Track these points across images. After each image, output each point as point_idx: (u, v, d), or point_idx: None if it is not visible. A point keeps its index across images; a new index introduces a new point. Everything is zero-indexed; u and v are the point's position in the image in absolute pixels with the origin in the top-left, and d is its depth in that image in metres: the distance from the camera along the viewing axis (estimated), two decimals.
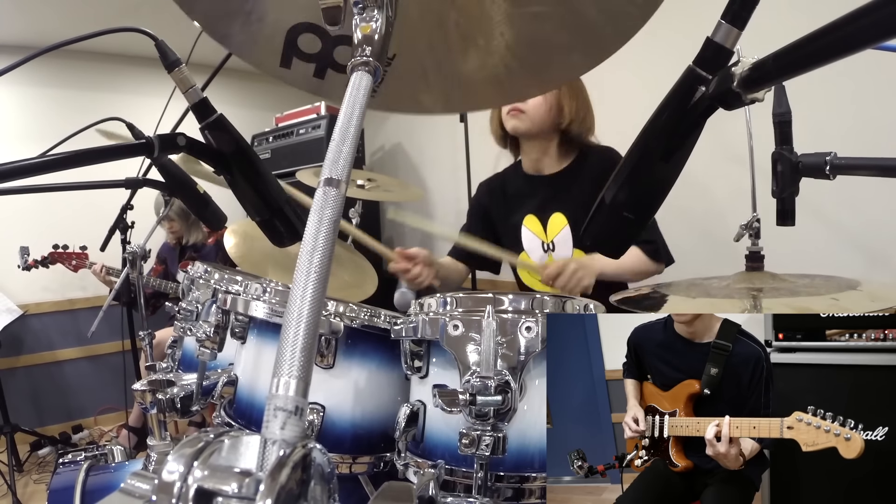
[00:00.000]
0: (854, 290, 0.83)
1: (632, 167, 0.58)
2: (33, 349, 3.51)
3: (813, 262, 1.73)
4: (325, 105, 3.48)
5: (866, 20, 0.35)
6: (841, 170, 0.71)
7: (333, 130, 0.40)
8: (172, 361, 1.30)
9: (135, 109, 3.22)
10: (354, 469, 0.94)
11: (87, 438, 3.49)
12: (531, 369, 0.75)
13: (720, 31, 0.50)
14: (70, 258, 3.16)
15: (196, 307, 1.25)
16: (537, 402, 0.75)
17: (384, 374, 0.96)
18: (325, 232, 0.35)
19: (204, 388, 1.04)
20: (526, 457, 0.74)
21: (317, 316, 0.32)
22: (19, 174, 0.58)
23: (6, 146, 3.34)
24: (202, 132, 0.73)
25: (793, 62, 0.42)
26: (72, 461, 1.31)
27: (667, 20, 1.85)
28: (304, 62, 0.71)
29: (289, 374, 0.30)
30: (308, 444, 0.28)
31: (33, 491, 2.83)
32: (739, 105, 0.49)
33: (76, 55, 3.57)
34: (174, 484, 0.29)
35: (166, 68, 0.71)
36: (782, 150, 0.82)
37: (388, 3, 0.49)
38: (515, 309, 0.80)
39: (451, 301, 0.84)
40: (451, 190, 3.35)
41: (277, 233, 0.78)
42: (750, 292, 0.89)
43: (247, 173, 0.74)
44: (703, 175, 2.01)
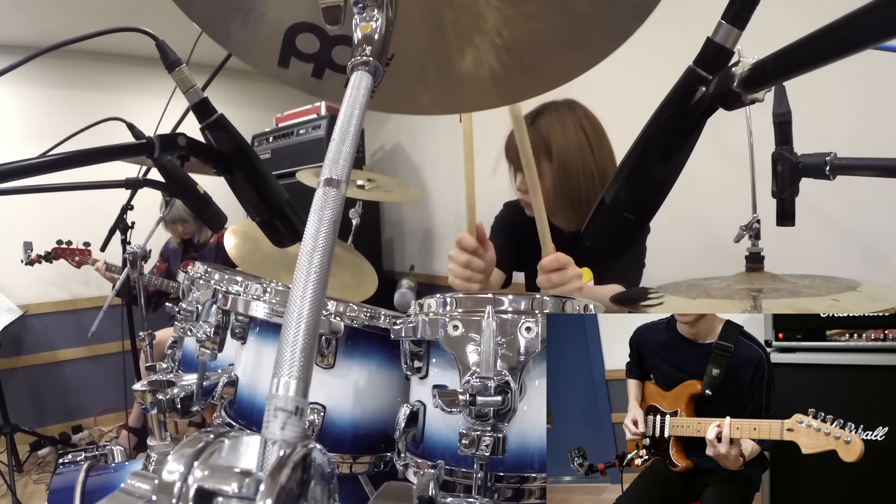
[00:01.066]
0: (854, 291, 0.83)
1: (632, 167, 0.58)
2: (33, 349, 3.51)
3: (813, 263, 1.73)
4: (326, 105, 3.48)
5: (866, 20, 0.35)
6: (841, 170, 0.71)
7: (333, 130, 0.40)
8: (172, 362, 1.30)
9: (135, 109, 3.23)
10: (354, 469, 0.94)
11: (87, 439, 3.49)
12: (531, 369, 0.75)
13: (720, 32, 0.50)
14: (73, 254, 3.16)
15: (196, 307, 1.25)
16: (537, 402, 0.75)
17: (384, 374, 0.96)
18: (325, 232, 0.35)
19: (204, 388, 1.04)
20: (526, 457, 0.74)
21: (317, 316, 0.32)
22: (20, 174, 0.58)
23: (6, 146, 3.34)
24: (202, 132, 0.73)
25: (793, 62, 0.42)
26: (72, 461, 1.31)
27: (667, 20, 1.84)
28: (303, 62, 0.71)
29: (289, 374, 0.30)
30: (308, 444, 0.28)
31: (33, 491, 2.83)
32: (739, 105, 0.49)
33: (76, 55, 3.57)
34: (174, 484, 0.29)
35: (167, 68, 0.71)
36: (782, 150, 0.82)
37: (388, 3, 0.49)
38: (515, 309, 0.80)
39: (451, 301, 0.84)
40: (451, 190, 3.35)
41: (277, 233, 0.78)
42: (750, 293, 0.89)
43: (247, 173, 0.74)
44: (703, 175, 2.01)
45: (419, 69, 0.73)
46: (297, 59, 0.71)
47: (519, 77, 0.72)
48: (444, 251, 3.77)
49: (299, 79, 0.72)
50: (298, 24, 0.68)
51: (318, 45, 0.69)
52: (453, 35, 0.69)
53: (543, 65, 0.72)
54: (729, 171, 1.93)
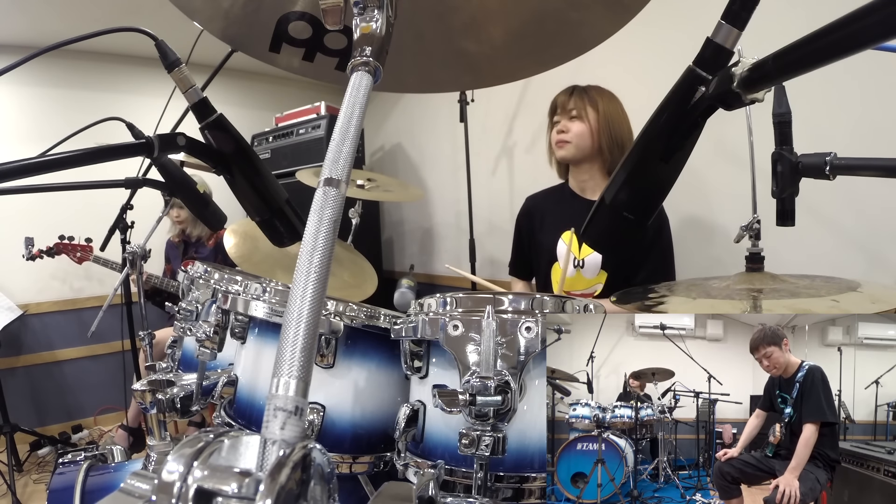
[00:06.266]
0: (854, 292, 0.83)
1: (632, 167, 0.58)
2: (33, 349, 3.50)
3: (813, 263, 1.73)
4: (325, 105, 3.48)
5: (866, 20, 0.35)
6: (841, 170, 0.71)
7: (333, 130, 0.40)
8: (172, 361, 1.30)
9: (135, 109, 3.23)
10: (354, 469, 0.93)
11: (86, 438, 3.48)
12: (531, 369, 0.75)
13: (720, 32, 0.50)
14: (75, 250, 3.17)
15: (196, 307, 1.25)
16: (537, 402, 0.75)
17: (384, 374, 0.96)
18: (325, 232, 0.35)
19: (204, 388, 1.04)
20: (526, 457, 0.74)
21: (317, 316, 0.32)
22: (19, 174, 0.58)
23: (6, 146, 3.34)
24: (202, 132, 0.73)
25: (793, 62, 0.42)
26: (72, 461, 1.31)
27: (667, 20, 1.84)
28: (294, 47, 0.71)
29: (289, 374, 0.30)
30: (308, 444, 0.28)
31: (33, 491, 2.83)
32: (739, 105, 0.49)
33: (76, 55, 3.57)
34: (174, 484, 0.28)
35: (166, 68, 0.71)
36: (782, 150, 0.82)
37: (388, 3, 0.49)
38: (515, 309, 0.80)
39: (451, 301, 0.84)
40: (451, 190, 3.35)
41: (277, 233, 0.78)
42: (750, 293, 0.89)
43: (247, 173, 0.74)
44: (703, 175, 2.01)
45: (430, 45, 0.72)
46: (288, 45, 0.71)
47: (527, 53, 0.72)
48: (444, 251, 3.77)
49: (289, 62, 0.72)
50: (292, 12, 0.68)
51: (311, 31, 0.69)
52: (465, 10, 0.68)
53: (551, 41, 0.71)
54: (729, 171, 1.93)
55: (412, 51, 0.71)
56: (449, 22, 0.69)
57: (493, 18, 0.69)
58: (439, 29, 0.70)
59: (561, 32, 0.70)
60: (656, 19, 0.77)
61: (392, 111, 3.99)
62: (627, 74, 2.09)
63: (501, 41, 0.71)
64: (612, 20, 0.66)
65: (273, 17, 0.69)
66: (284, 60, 0.73)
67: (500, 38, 0.70)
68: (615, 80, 1.88)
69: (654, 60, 2.04)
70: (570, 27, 0.69)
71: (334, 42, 0.70)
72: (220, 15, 0.71)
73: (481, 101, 2.87)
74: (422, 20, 0.68)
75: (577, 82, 1.79)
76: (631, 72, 2.10)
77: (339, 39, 0.70)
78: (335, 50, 0.71)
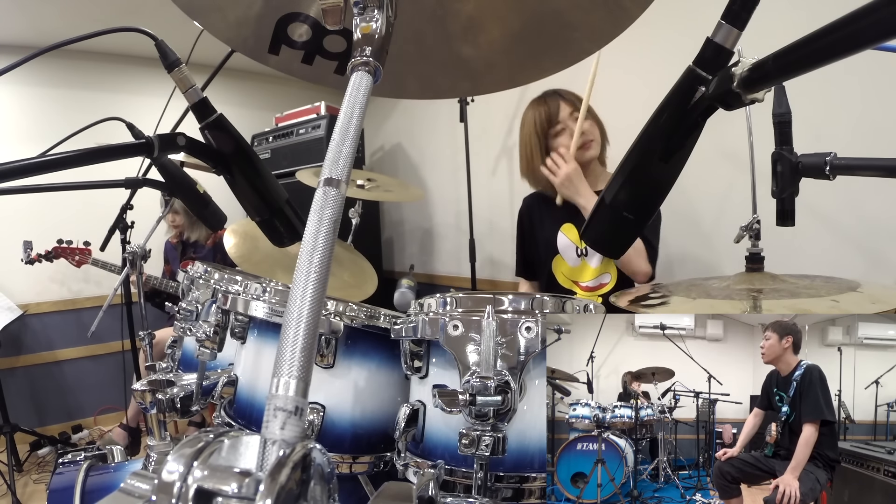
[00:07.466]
0: (854, 292, 0.83)
1: (632, 167, 0.58)
2: (33, 349, 3.50)
3: (813, 263, 1.73)
4: (325, 105, 3.48)
5: (866, 20, 0.35)
6: (841, 170, 0.71)
7: (333, 130, 0.40)
8: (172, 361, 1.30)
9: (135, 109, 3.23)
10: (354, 469, 0.94)
11: (86, 438, 3.48)
12: (531, 369, 0.75)
13: (720, 32, 0.50)
14: (73, 253, 3.17)
15: (196, 307, 1.25)
16: (537, 402, 0.75)
17: (384, 374, 0.96)
18: (325, 232, 0.35)
19: (204, 388, 1.04)
20: (526, 457, 0.74)
21: (317, 316, 0.32)
22: (19, 174, 0.58)
23: (6, 146, 3.33)
24: (202, 132, 0.73)
25: (793, 62, 0.42)
26: (71, 461, 1.30)
27: (667, 20, 1.84)
28: (293, 49, 0.71)
29: (289, 374, 0.30)
30: (308, 444, 0.28)
31: (33, 491, 2.83)
32: (739, 105, 0.49)
33: (76, 55, 3.57)
34: (174, 484, 0.28)
35: (166, 68, 0.71)
36: (782, 150, 0.82)
37: (388, 3, 0.49)
38: (515, 309, 0.80)
39: (451, 301, 0.84)
40: (451, 190, 3.35)
41: (277, 233, 0.78)
42: (750, 293, 0.89)
43: (247, 173, 0.74)
44: (703, 175, 2.01)
45: (428, 51, 0.72)
46: (287, 46, 0.71)
47: (527, 59, 0.72)
48: (444, 251, 3.77)
49: (288, 64, 0.72)
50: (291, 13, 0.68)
51: (311, 34, 0.69)
52: (463, 16, 0.68)
53: (551, 46, 0.71)
54: (729, 171, 1.93)
55: (411, 56, 0.71)
56: (447, 25, 0.69)
57: (491, 21, 0.68)
58: (438, 33, 0.70)
59: (561, 36, 0.69)
60: (656, 19, 0.77)
61: (392, 111, 3.99)
62: (628, 75, 2.09)
63: (500, 45, 0.70)
64: (613, 23, 0.66)
65: (273, 19, 0.69)
66: (283, 62, 0.72)
67: (498, 42, 0.70)
68: (615, 81, 1.88)
69: (654, 60, 2.04)
70: (570, 30, 0.69)
71: (333, 45, 0.70)
72: (220, 15, 0.71)
73: (481, 101, 2.87)
74: (420, 23, 0.68)
75: (576, 83, 1.78)
76: (631, 72, 2.11)
77: (339, 42, 0.70)
78: (334, 53, 0.71)
